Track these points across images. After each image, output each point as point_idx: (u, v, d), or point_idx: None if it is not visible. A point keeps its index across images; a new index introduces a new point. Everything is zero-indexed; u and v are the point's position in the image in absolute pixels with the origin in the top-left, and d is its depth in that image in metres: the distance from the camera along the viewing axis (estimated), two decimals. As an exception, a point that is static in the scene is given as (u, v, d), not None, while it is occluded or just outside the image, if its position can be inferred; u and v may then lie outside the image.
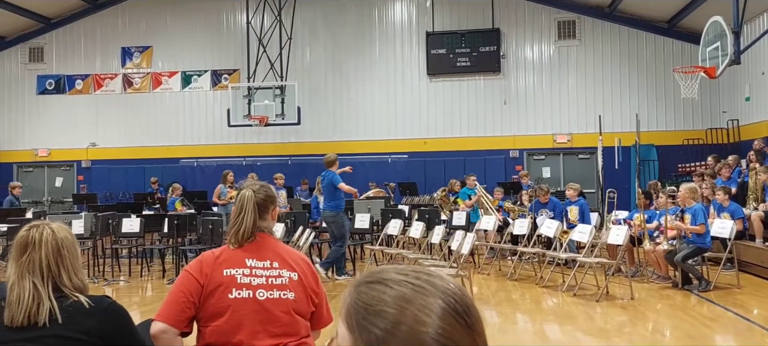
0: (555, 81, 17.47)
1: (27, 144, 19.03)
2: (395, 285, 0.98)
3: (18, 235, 2.31)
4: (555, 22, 17.54)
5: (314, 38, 18.26)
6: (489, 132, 17.57)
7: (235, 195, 9.62)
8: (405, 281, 0.98)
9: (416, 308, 0.94)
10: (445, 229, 9.99)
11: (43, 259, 2.25)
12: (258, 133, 17.29)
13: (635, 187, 16.21)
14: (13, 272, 2.26)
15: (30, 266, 2.24)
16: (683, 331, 6.25)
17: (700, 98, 14.28)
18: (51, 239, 2.28)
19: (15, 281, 2.23)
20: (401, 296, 0.96)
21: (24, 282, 2.22)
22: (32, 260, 2.25)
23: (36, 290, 2.21)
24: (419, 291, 0.97)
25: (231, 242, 2.67)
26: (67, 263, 2.29)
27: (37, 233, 2.29)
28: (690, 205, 8.34)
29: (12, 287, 2.23)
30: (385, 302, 0.96)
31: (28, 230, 2.31)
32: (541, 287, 8.59)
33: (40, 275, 2.24)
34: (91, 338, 2.23)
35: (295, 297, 2.60)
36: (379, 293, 0.97)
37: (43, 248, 2.26)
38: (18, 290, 2.21)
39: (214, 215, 10.76)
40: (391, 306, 0.95)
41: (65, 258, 2.29)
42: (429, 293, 0.96)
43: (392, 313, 0.95)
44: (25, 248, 2.27)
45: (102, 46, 18.96)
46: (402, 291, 0.97)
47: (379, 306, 0.96)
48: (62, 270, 2.27)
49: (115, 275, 10.17)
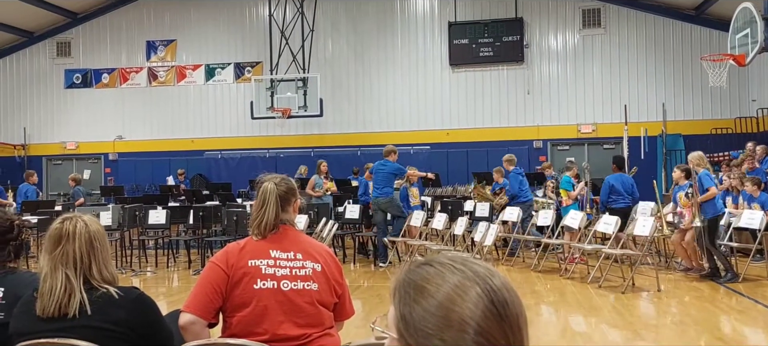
0: (579, 70, 17.27)
1: (55, 137, 19.38)
2: (439, 266, 1.06)
3: (52, 227, 2.35)
4: (579, 10, 17.32)
5: (336, 30, 18.28)
6: (512, 122, 17.45)
7: (331, 186, 9.53)
8: (450, 264, 1.06)
9: (452, 288, 1.02)
10: (467, 220, 9.95)
11: (76, 251, 2.29)
12: (281, 125, 17.38)
13: (662, 177, 16.00)
14: (46, 263, 2.30)
15: (63, 258, 2.28)
16: (711, 323, 6.16)
17: (728, 87, 14.01)
18: (84, 231, 2.33)
19: (48, 272, 2.28)
20: (441, 276, 1.04)
21: (57, 274, 2.26)
22: (66, 252, 2.29)
23: (68, 282, 2.25)
24: (459, 275, 1.04)
25: (254, 233, 2.69)
26: (99, 255, 2.34)
27: (70, 226, 2.33)
28: (698, 173, 8.17)
29: (45, 278, 2.27)
30: (427, 280, 1.04)
31: (61, 223, 2.35)
32: (565, 278, 8.53)
33: (74, 267, 2.28)
34: (120, 328, 2.27)
35: (319, 288, 2.61)
36: (424, 272, 1.06)
37: (77, 241, 2.30)
38: (50, 282, 2.26)
39: (239, 207, 10.86)
40: (431, 284, 1.04)
41: (97, 250, 2.34)
42: (469, 278, 1.03)
43: (430, 290, 1.03)
44: (59, 240, 2.31)
45: (127, 40, 19.21)
46: (443, 272, 1.05)
47: (421, 283, 1.05)
48: (93, 262, 2.32)
49: (142, 266, 10.33)
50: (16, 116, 19.62)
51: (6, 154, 19.21)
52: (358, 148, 17.53)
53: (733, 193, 10.23)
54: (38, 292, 2.29)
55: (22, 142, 19.42)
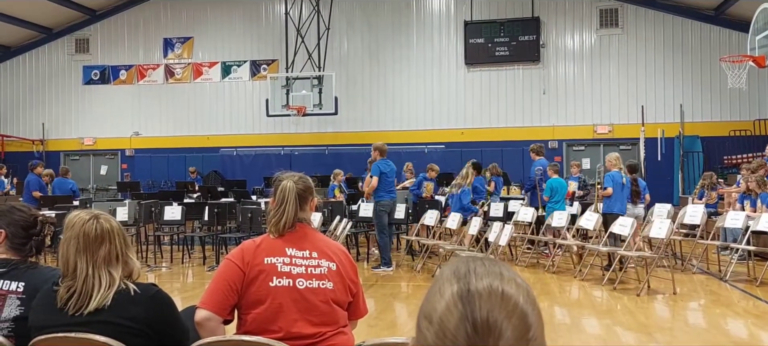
0: (596, 70, 17.15)
1: (73, 133, 19.60)
2: (449, 266, 1.06)
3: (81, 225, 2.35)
4: (597, 9, 17.20)
5: (352, 28, 18.30)
6: (527, 122, 17.37)
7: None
8: (458, 262, 1.06)
9: (439, 283, 1.02)
10: (481, 220, 9.92)
11: (117, 249, 2.34)
12: (296, 123, 17.44)
13: (678, 179, 15.85)
14: (83, 263, 2.31)
15: (106, 257, 2.32)
16: (727, 327, 6.10)
17: (748, 88, 13.81)
18: (118, 230, 2.37)
19: (89, 272, 2.29)
20: (441, 274, 1.05)
21: (100, 272, 2.30)
22: (108, 251, 2.33)
23: (91, 278, 2.28)
24: (453, 272, 1.03)
25: (272, 231, 2.70)
26: (117, 250, 2.37)
27: (106, 224, 2.36)
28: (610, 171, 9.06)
29: (85, 278, 2.29)
30: (440, 274, 1.05)
31: (93, 222, 2.36)
32: (580, 280, 8.48)
33: (116, 264, 2.33)
34: (137, 324, 2.29)
35: (334, 287, 2.62)
36: (447, 267, 1.07)
37: (104, 238, 2.34)
38: (92, 280, 2.29)
39: (253, 204, 10.91)
40: (439, 279, 1.04)
41: (128, 246, 2.39)
42: (456, 279, 1.01)
43: (434, 285, 1.04)
44: (101, 240, 2.34)
45: (145, 37, 19.36)
46: (452, 267, 1.05)
47: (438, 275, 1.06)
48: (113, 258, 2.35)
49: (158, 262, 10.42)
50: (34, 112, 19.86)
51: (25, 149, 19.47)
52: (372, 146, 17.51)
53: (751, 196, 10.11)
54: (57, 285, 2.32)
55: (41, 138, 19.66)
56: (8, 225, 2.62)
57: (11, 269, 2.53)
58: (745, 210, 9.52)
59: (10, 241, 2.60)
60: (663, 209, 10.39)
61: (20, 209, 2.69)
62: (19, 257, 2.60)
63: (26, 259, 2.62)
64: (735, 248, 8.71)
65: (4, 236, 2.60)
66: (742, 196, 10.48)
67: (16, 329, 2.43)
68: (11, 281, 2.50)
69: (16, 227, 2.62)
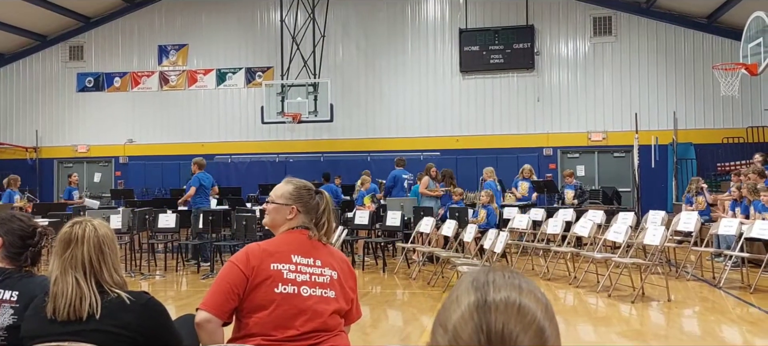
0: (590, 78, 17.22)
1: (67, 140, 19.53)
2: (468, 275, 1.06)
3: (61, 231, 2.37)
4: (590, 18, 17.29)
5: (347, 36, 18.33)
6: (522, 130, 17.41)
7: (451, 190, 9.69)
8: (478, 272, 1.06)
9: (457, 293, 1.02)
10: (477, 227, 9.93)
11: (85, 255, 2.31)
12: (291, 130, 17.43)
13: (672, 186, 15.91)
14: (56, 267, 2.32)
15: (72, 262, 2.30)
16: (722, 334, 6.11)
17: (740, 96, 13.93)
18: (93, 235, 2.35)
19: (58, 275, 2.30)
20: (460, 282, 1.05)
21: (67, 277, 2.28)
22: (74, 255, 2.31)
23: (78, 286, 2.27)
24: (472, 285, 1.03)
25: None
26: (108, 259, 2.35)
27: (79, 230, 2.35)
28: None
29: (55, 281, 2.29)
30: (459, 283, 1.06)
31: (71, 227, 2.37)
32: (575, 287, 8.49)
33: (83, 270, 2.30)
34: (130, 332, 2.28)
35: (335, 295, 2.67)
36: (466, 276, 1.08)
37: (86, 245, 2.32)
38: (61, 285, 2.28)
39: (248, 212, 10.88)
40: (457, 288, 1.05)
41: (106, 255, 2.35)
42: (474, 289, 1.01)
43: (452, 294, 1.05)
44: (68, 244, 2.33)
45: (139, 44, 19.34)
46: (464, 279, 1.06)
47: (457, 284, 1.07)
48: (103, 266, 2.34)
49: (152, 270, 10.37)
50: (28, 119, 19.79)
51: (18, 157, 19.38)
52: (367, 153, 17.56)
53: (744, 202, 10.15)
54: (49, 295, 2.31)
55: (34, 145, 19.58)
56: (6, 233, 2.61)
57: (6, 278, 2.52)
58: (737, 217, 9.55)
59: (6, 249, 2.59)
60: (657, 216, 10.42)
61: (20, 219, 2.68)
62: (14, 266, 2.59)
63: (21, 268, 2.61)
64: (729, 254, 8.74)
65: (1, 244, 2.59)
66: (733, 203, 10.53)
67: (10, 339, 2.41)
68: (5, 290, 2.49)
69: (13, 236, 2.61)
